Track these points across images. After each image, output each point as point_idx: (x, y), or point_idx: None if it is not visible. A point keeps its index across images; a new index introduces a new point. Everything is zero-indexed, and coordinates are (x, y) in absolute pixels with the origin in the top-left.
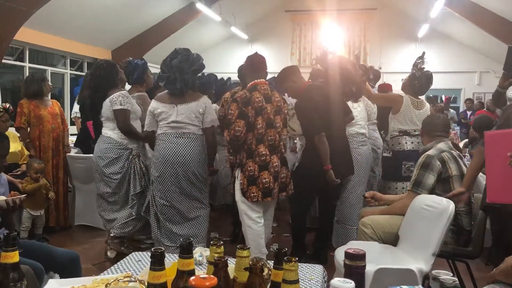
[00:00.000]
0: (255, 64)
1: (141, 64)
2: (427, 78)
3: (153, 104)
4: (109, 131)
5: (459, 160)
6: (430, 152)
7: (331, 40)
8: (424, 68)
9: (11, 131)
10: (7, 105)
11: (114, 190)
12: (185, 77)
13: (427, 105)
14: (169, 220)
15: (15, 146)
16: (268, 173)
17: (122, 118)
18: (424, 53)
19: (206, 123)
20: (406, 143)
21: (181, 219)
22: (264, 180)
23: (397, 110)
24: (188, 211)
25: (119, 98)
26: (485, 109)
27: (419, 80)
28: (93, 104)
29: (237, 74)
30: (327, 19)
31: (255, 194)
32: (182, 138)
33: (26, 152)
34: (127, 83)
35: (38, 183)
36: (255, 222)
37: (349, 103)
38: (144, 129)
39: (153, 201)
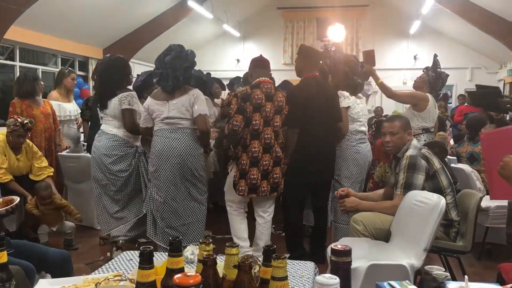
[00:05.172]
0: (259, 62)
1: None
2: (446, 77)
3: (147, 101)
4: (114, 129)
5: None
6: (410, 152)
7: (326, 36)
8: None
9: (31, 145)
10: (25, 121)
11: (120, 188)
12: (177, 74)
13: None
14: (163, 219)
15: (24, 163)
16: (257, 170)
17: (129, 118)
18: (436, 55)
19: (196, 112)
20: (425, 140)
21: (175, 218)
22: (252, 176)
23: (423, 108)
24: (183, 210)
25: (127, 98)
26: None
27: (442, 80)
28: (100, 101)
29: (230, 72)
30: (319, 16)
31: (242, 188)
32: (177, 132)
33: (39, 165)
34: None
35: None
36: (233, 209)
37: (353, 99)
38: (140, 125)
39: (150, 199)
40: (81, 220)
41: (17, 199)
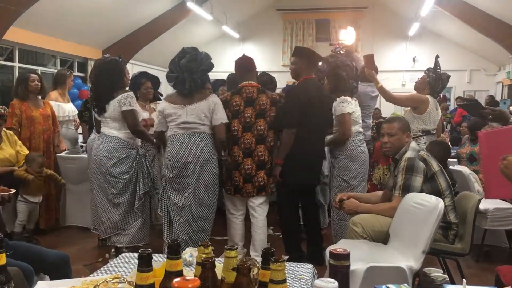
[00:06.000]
0: (244, 65)
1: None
2: (448, 78)
3: (163, 105)
4: (115, 131)
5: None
6: (408, 154)
7: (337, 39)
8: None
9: (11, 133)
10: None
11: (120, 191)
12: (194, 77)
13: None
14: (180, 223)
15: (9, 151)
16: (238, 173)
17: (132, 119)
18: (437, 56)
19: (215, 120)
20: (425, 143)
21: (191, 223)
22: (235, 179)
23: (423, 110)
24: (198, 214)
25: (127, 99)
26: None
27: (443, 81)
28: (98, 106)
29: (229, 73)
30: (318, 17)
31: (229, 187)
32: (193, 137)
33: (24, 152)
34: None
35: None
36: (229, 212)
37: (354, 103)
38: (154, 129)
39: (167, 202)
40: (65, 185)
41: (13, 190)
